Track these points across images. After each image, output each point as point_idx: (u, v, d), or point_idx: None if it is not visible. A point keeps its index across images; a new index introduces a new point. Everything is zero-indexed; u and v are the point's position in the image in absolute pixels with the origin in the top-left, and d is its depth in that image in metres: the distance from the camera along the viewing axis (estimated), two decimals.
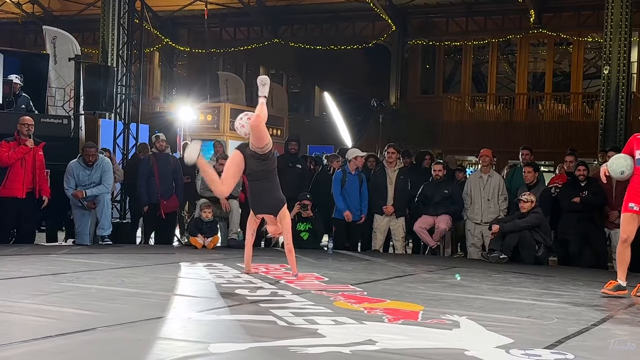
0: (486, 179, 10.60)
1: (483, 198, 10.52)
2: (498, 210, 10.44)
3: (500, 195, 10.51)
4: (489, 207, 10.47)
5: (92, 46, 23.72)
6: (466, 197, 10.63)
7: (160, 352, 3.89)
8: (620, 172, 6.61)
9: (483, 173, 10.74)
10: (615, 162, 6.66)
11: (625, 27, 13.81)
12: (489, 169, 10.75)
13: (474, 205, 10.54)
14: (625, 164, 6.59)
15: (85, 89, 12.58)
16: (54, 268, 7.15)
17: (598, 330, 4.99)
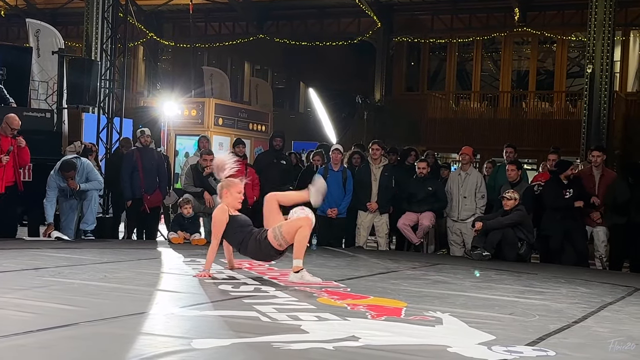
0: (464, 176, 10.65)
1: (460, 195, 10.58)
2: (475, 207, 10.49)
3: (478, 192, 10.55)
4: (465, 204, 10.52)
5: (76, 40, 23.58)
6: (447, 194, 10.69)
7: (143, 348, 3.87)
8: None
9: (462, 170, 10.79)
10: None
11: (609, 27, 13.91)
12: (468, 166, 10.80)
13: (452, 202, 10.62)
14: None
15: (69, 82, 12.49)
16: (36, 262, 7.10)
17: (579, 328, 5.03)
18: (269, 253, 6.63)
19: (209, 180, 10.45)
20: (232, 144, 12.81)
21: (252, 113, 21.60)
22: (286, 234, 6.43)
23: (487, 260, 9.44)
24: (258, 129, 21.24)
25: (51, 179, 9.86)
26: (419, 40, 24.53)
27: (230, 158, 6.87)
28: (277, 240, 6.45)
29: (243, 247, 6.70)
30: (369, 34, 24.14)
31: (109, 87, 13.08)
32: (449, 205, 10.65)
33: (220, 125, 19.81)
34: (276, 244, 6.47)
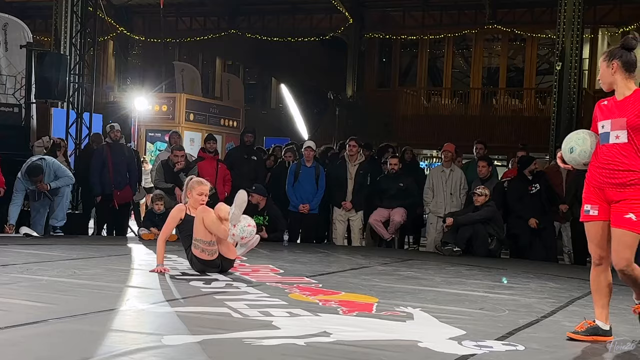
0: (448, 173, 10.71)
1: (445, 192, 10.62)
2: (460, 203, 10.55)
3: (462, 189, 10.64)
4: (452, 200, 10.58)
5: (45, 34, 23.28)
6: (428, 191, 10.71)
7: (113, 344, 3.85)
8: (570, 150, 4.54)
9: (445, 167, 10.83)
10: (567, 137, 4.66)
11: (578, 25, 14.05)
12: (450, 163, 10.85)
13: (437, 199, 10.63)
14: (577, 138, 4.55)
15: (37, 77, 12.35)
16: (4, 259, 7.01)
17: (548, 322, 5.09)
18: (198, 267, 6.65)
19: (179, 176, 10.39)
20: (203, 139, 12.74)
21: (224, 109, 21.52)
22: (200, 236, 6.47)
23: (457, 256, 9.50)
24: (230, 124, 21.17)
25: (19, 182, 9.72)
26: (391, 36, 24.58)
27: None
28: (197, 248, 6.51)
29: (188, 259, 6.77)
30: (340, 30, 24.15)
31: (79, 81, 12.95)
32: (434, 202, 10.66)
33: (191, 121, 19.72)
34: (198, 252, 6.53)
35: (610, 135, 4.38)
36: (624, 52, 4.40)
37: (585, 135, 4.51)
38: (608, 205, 4.40)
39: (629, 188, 4.31)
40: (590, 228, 4.51)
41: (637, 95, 4.38)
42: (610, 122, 4.39)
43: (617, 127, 4.36)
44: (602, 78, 4.47)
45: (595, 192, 4.45)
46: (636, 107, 4.35)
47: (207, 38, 25.47)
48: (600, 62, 4.49)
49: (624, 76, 4.39)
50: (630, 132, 4.33)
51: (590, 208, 4.47)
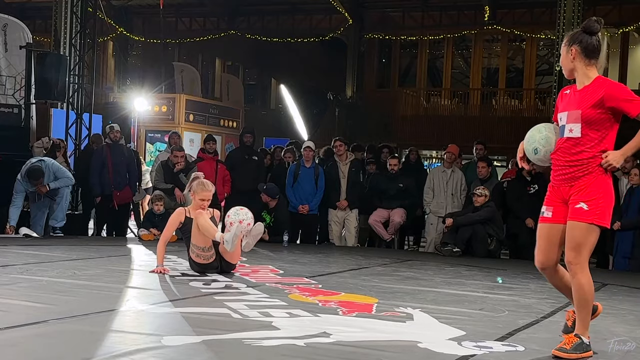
0: (449, 173, 10.72)
1: (446, 192, 10.63)
2: (460, 204, 10.56)
3: (462, 190, 10.65)
4: (453, 201, 10.59)
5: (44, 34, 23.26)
6: (429, 191, 10.72)
7: (113, 345, 3.85)
8: (534, 151, 4.26)
9: (446, 168, 10.84)
10: (528, 136, 4.33)
11: (577, 25, 14.03)
12: (451, 164, 10.86)
13: (438, 199, 10.64)
14: (540, 138, 4.25)
15: (37, 77, 12.35)
16: (4, 260, 7.02)
17: (548, 323, 5.09)
18: (197, 268, 6.69)
19: (179, 176, 10.40)
20: (203, 140, 12.75)
21: (223, 109, 21.52)
22: (195, 241, 6.52)
23: (457, 257, 9.50)
24: (229, 125, 21.17)
25: (19, 184, 9.73)
26: (390, 37, 24.57)
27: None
28: (193, 252, 6.57)
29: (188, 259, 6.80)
30: (340, 31, 24.14)
31: (78, 82, 12.95)
32: (434, 202, 10.67)
33: (191, 122, 19.72)
34: (194, 256, 6.59)
35: (565, 128, 4.08)
36: (585, 36, 4.08)
37: (548, 133, 4.22)
38: (565, 206, 4.10)
39: (579, 180, 4.03)
40: (539, 230, 4.30)
41: (595, 84, 4.04)
42: (566, 115, 4.09)
43: (571, 119, 4.06)
44: (562, 64, 4.20)
45: (553, 191, 4.19)
46: (592, 98, 4.01)
47: (206, 39, 25.46)
48: (562, 46, 4.19)
49: (583, 63, 4.08)
50: (584, 125, 4.02)
51: (545, 209, 4.23)
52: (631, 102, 3.97)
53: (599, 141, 4.02)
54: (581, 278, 4.04)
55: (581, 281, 4.04)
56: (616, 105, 3.98)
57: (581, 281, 4.04)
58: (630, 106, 3.97)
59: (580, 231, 4.01)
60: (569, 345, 4.00)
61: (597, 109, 3.99)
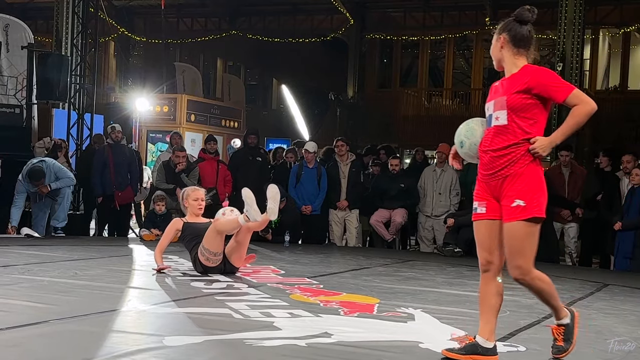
0: (439, 172, 10.73)
1: (435, 191, 10.64)
2: (449, 204, 10.56)
3: (453, 189, 10.63)
4: (440, 200, 10.60)
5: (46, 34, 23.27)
6: (420, 190, 10.75)
7: (114, 345, 3.85)
8: (460, 144, 4.06)
9: (437, 167, 10.85)
10: (457, 131, 4.12)
11: (579, 25, 14.04)
12: (444, 163, 10.86)
13: (426, 198, 10.69)
14: (465, 130, 4.04)
15: (39, 78, 12.35)
16: (5, 260, 7.02)
17: (549, 323, 5.08)
18: (201, 269, 6.67)
19: (181, 176, 10.40)
20: (204, 140, 12.75)
21: (225, 109, 21.52)
22: (208, 245, 6.50)
23: (458, 257, 9.50)
24: (231, 125, 21.17)
25: (20, 185, 9.73)
26: (392, 37, 24.58)
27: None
28: (203, 255, 6.55)
29: (191, 259, 6.79)
30: (341, 31, 24.15)
31: (80, 82, 12.96)
32: (423, 201, 10.71)
33: (192, 122, 19.72)
34: (203, 259, 6.57)
35: (492, 117, 3.86)
36: (515, 24, 3.91)
37: (474, 125, 4.00)
38: (497, 201, 3.86)
39: (506, 171, 3.77)
40: (477, 228, 4.01)
41: (522, 72, 3.85)
42: (493, 103, 3.88)
43: (498, 107, 3.84)
44: (492, 54, 4.00)
45: (482, 186, 3.94)
46: (518, 84, 3.81)
47: (208, 39, 25.47)
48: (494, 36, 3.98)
49: (512, 52, 3.89)
50: (510, 112, 3.79)
51: (478, 205, 3.96)
52: (558, 87, 3.81)
53: (526, 129, 3.79)
54: (537, 284, 3.85)
55: (539, 286, 3.86)
56: (543, 91, 3.79)
57: (539, 286, 3.86)
58: (558, 92, 3.81)
59: (522, 232, 3.75)
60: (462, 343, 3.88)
61: (523, 94, 3.79)
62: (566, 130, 3.83)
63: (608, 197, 9.60)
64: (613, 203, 9.51)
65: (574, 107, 3.81)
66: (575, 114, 3.81)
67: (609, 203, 9.55)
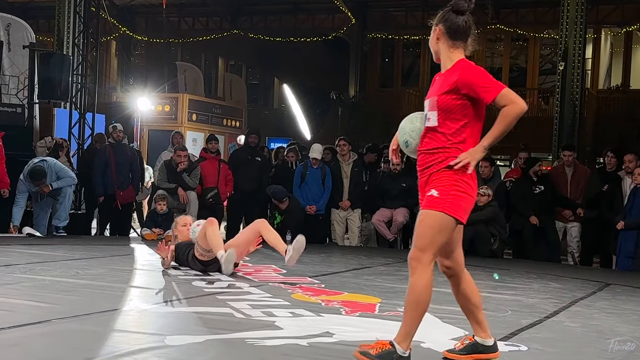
0: None
1: None
2: None
3: None
4: None
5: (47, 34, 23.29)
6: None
7: (116, 345, 3.85)
8: (405, 144, 3.88)
9: None
10: (401, 127, 3.93)
11: (581, 24, 14.03)
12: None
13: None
14: (410, 129, 3.84)
15: (40, 77, 12.37)
16: (7, 259, 7.02)
17: (551, 323, 5.08)
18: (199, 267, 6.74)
19: (182, 176, 10.40)
20: (205, 139, 12.75)
21: (226, 109, 21.53)
22: (201, 242, 6.60)
23: None
24: (232, 124, 21.17)
25: (21, 184, 9.74)
26: (393, 36, 24.57)
27: None
28: (198, 251, 6.66)
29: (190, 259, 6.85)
30: (343, 30, 24.15)
31: (81, 82, 12.96)
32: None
33: (194, 121, 19.73)
34: (198, 255, 6.67)
35: (426, 117, 3.70)
36: (452, 15, 3.73)
37: (419, 124, 3.78)
38: None
39: (432, 171, 3.66)
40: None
41: (454, 68, 3.64)
42: (428, 102, 3.71)
43: (430, 107, 3.67)
44: (430, 46, 3.80)
45: (420, 184, 3.82)
46: (447, 83, 3.61)
47: (209, 38, 25.48)
48: None
49: (448, 44, 3.69)
50: (440, 113, 3.61)
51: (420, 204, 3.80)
52: (486, 87, 3.57)
53: (457, 132, 3.60)
54: (416, 278, 3.59)
55: (416, 282, 3.60)
56: (471, 91, 3.57)
57: (416, 282, 3.60)
58: (486, 92, 3.56)
59: (426, 220, 3.62)
60: (376, 351, 3.55)
61: (452, 94, 3.58)
62: (495, 133, 3.60)
63: (610, 197, 9.59)
64: (615, 202, 9.51)
65: (503, 108, 3.57)
66: (504, 115, 3.57)
67: (611, 202, 9.55)
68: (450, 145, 3.60)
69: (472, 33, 3.74)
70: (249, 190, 10.84)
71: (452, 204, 3.56)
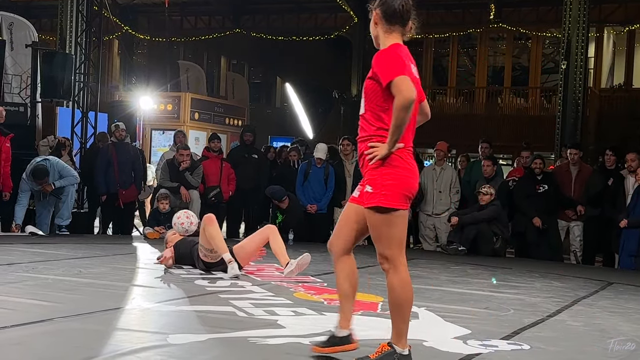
0: (439, 171, 10.71)
1: (435, 190, 10.62)
2: (449, 202, 10.55)
3: (453, 187, 10.61)
4: (440, 199, 10.59)
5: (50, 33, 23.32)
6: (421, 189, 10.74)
7: (119, 343, 3.85)
8: None
9: (437, 166, 10.84)
10: None
11: (583, 23, 14.02)
12: (443, 161, 10.87)
13: (426, 197, 10.66)
14: None
15: (43, 76, 12.37)
16: (10, 258, 7.03)
17: (553, 321, 5.08)
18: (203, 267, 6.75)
19: (185, 175, 10.41)
20: (208, 138, 12.76)
21: (229, 108, 21.54)
22: (203, 242, 6.61)
23: (462, 255, 9.49)
24: (234, 123, 21.18)
25: (24, 183, 9.75)
26: None
27: None
28: (201, 252, 6.69)
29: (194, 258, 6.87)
30: (345, 29, 24.13)
31: (84, 81, 12.97)
32: (423, 200, 10.69)
33: (196, 120, 19.73)
34: (202, 255, 6.70)
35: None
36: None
37: None
38: None
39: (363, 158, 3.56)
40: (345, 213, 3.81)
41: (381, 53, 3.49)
42: None
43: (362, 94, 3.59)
44: (371, 31, 3.65)
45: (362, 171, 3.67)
46: (372, 68, 3.46)
47: (212, 37, 25.49)
48: None
49: (384, 29, 3.55)
50: (366, 101, 3.53)
51: (356, 189, 3.74)
52: (384, 72, 3.39)
53: (379, 118, 3.49)
54: (390, 278, 3.61)
55: (392, 282, 3.62)
56: (375, 76, 3.44)
57: (392, 282, 3.62)
58: (382, 77, 3.39)
59: (372, 221, 3.55)
60: (376, 354, 3.56)
61: (372, 80, 3.47)
62: (391, 130, 3.42)
63: (612, 195, 9.57)
64: (617, 201, 9.49)
65: None
66: (393, 108, 3.37)
67: (614, 201, 9.53)
68: (374, 132, 3.51)
69: (411, 17, 3.58)
70: (248, 189, 10.86)
71: (386, 196, 3.45)
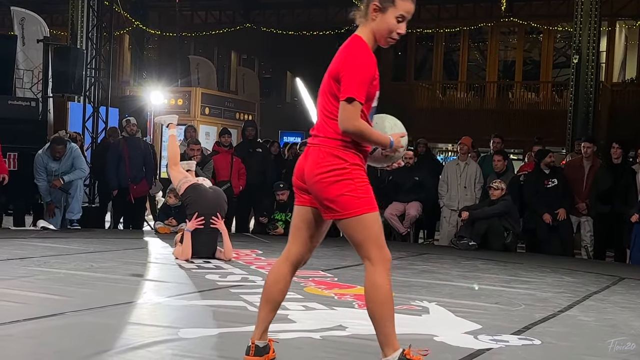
0: (463, 166, 10.68)
1: (459, 185, 10.59)
2: (474, 197, 10.51)
3: (477, 182, 10.59)
4: (466, 194, 10.55)
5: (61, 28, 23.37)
6: (443, 184, 10.70)
7: (130, 337, 3.87)
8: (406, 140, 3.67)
9: (461, 160, 10.81)
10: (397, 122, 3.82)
11: (595, 17, 13.95)
12: (466, 156, 10.82)
13: (451, 192, 10.61)
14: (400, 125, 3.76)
15: (54, 71, 12.41)
16: (22, 252, 7.07)
17: (564, 317, 5.07)
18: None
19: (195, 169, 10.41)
20: (218, 133, 12.78)
21: (239, 102, 21.52)
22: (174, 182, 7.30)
23: (473, 250, 9.48)
24: (245, 118, 21.15)
25: (39, 158, 9.83)
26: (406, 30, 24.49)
27: None
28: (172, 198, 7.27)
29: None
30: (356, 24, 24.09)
31: (95, 75, 13.00)
32: (447, 195, 10.65)
33: (206, 115, 19.74)
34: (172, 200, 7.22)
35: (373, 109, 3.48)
36: None
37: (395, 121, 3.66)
38: None
39: None
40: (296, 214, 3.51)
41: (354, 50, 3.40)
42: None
43: None
44: None
45: None
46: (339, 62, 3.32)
47: (222, 32, 25.48)
48: None
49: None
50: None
51: None
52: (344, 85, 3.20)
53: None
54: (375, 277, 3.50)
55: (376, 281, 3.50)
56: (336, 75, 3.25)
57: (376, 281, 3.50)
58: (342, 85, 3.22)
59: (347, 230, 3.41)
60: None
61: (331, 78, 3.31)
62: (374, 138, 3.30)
63: (623, 190, 9.52)
64: (629, 196, 9.44)
65: None
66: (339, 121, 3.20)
67: (625, 196, 9.48)
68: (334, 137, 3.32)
69: None
70: (252, 183, 10.90)
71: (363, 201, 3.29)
